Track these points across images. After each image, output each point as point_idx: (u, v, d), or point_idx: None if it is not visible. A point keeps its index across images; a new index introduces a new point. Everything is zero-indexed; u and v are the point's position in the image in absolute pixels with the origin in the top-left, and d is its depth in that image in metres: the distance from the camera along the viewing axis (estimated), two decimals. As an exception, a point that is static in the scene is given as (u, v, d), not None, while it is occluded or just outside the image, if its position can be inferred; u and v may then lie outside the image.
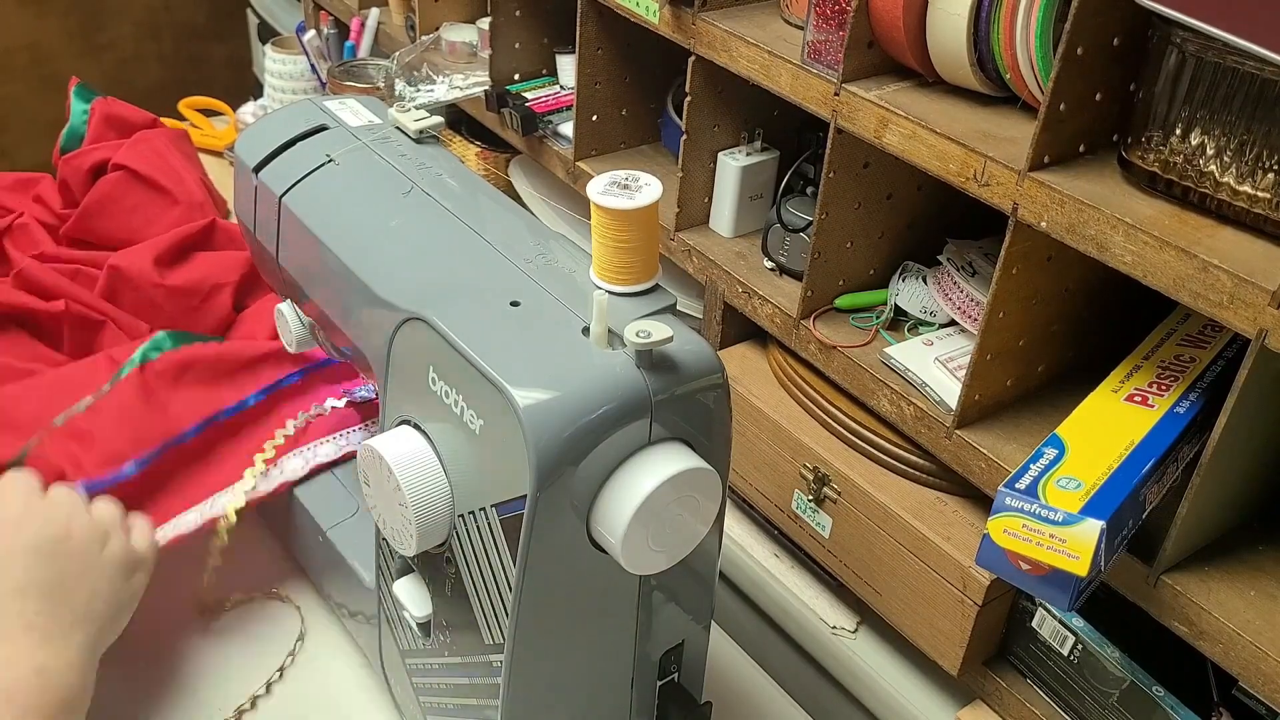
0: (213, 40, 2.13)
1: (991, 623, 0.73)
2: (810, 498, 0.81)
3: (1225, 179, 0.56)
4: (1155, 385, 0.66)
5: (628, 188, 0.59)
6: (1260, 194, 0.55)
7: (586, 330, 0.58)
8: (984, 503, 0.76)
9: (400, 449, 0.60)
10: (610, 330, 0.57)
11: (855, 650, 0.83)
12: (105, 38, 2.00)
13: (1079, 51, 0.59)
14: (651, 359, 0.56)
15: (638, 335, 0.55)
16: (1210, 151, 0.57)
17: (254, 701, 0.74)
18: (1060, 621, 0.70)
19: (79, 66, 1.99)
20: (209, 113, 1.39)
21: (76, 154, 1.08)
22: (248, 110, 1.42)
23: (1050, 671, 0.72)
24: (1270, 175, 0.55)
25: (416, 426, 0.62)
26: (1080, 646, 0.69)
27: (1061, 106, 0.60)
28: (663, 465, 0.56)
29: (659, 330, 0.55)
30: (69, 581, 0.61)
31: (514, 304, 0.60)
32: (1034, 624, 0.72)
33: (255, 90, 1.89)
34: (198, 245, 0.98)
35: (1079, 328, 0.75)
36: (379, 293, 0.63)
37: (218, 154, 1.33)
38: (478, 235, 0.66)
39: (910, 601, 0.76)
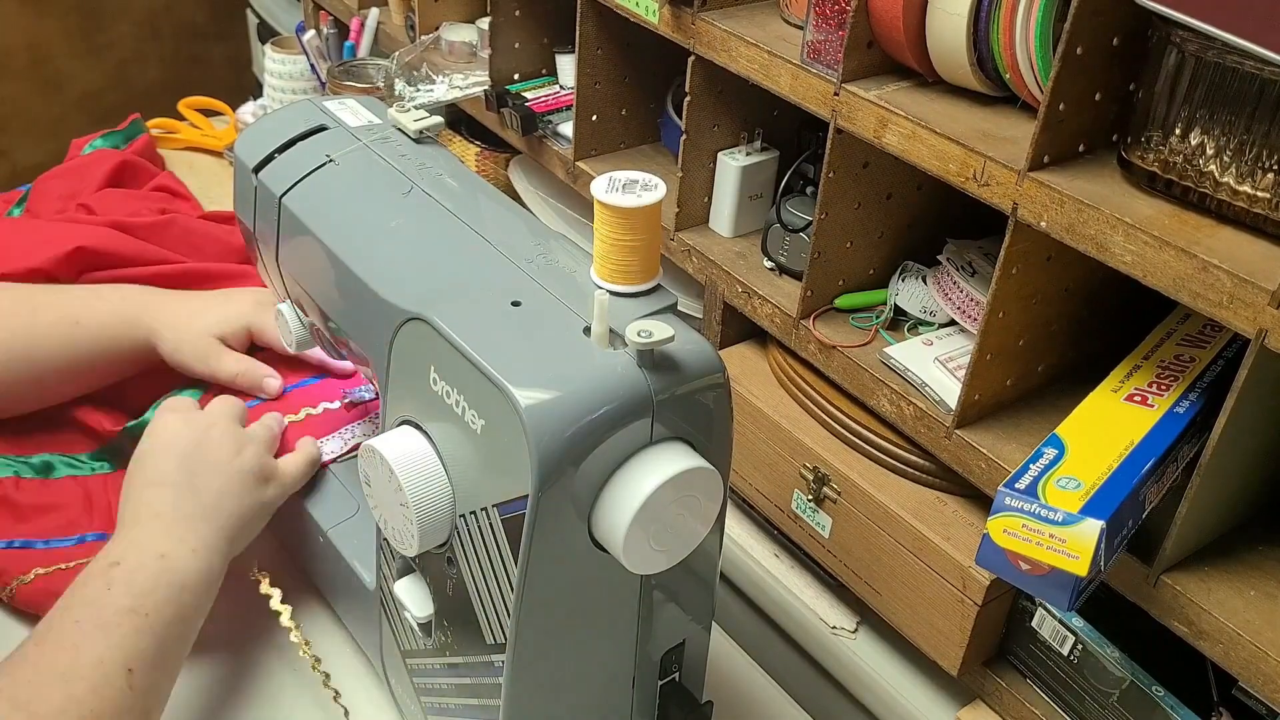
0: (213, 40, 2.13)
1: (991, 623, 0.73)
2: (810, 498, 0.82)
3: (1225, 179, 0.56)
4: (1155, 385, 0.66)
5: (632, 187, 0.59)
6: (1260, 194, 0.55)
7: (588, 330, 0.58)
8: (984, 502, 0.76)
9: (401, 449, 0.60)
10: (611, 330, 0.57)
11: (855, 650, 0.83)
12: (105, 38, 2.00)
13: (1078, 51, 0.59)
14: (653, 358, 0.56)
15: (639, 335, 0.55)
16: (1210, 151, 0.57)
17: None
18: (1060, 621, 0.70)
19: (79, 66, 1.99)
20: (209, 113, 1.39)
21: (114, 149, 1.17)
22: (247, 110, 1.42)
23: (1050, 671, 0.73)
24: (1270, 175, 0.55)
25: (418, 426, 0.62)
26: (1080, 646, 0.70)
27: (1061, 106, 0.61)
28: (664, 465, 0.56)
29: (660, 330, 0.55)
30: (198, 480, 0.68)
31: (515, 304, 0.60)
32: (1034, 624, 0.72)
33: (255, 90, 1.89)
34: None
35: (1079, 328, 0.75)
36: (380, 293, 0.63)
37: (217, 154, 1.33)
38: (478, 235, 0.66)
39: (910, 601, 0.76)
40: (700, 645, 0.70)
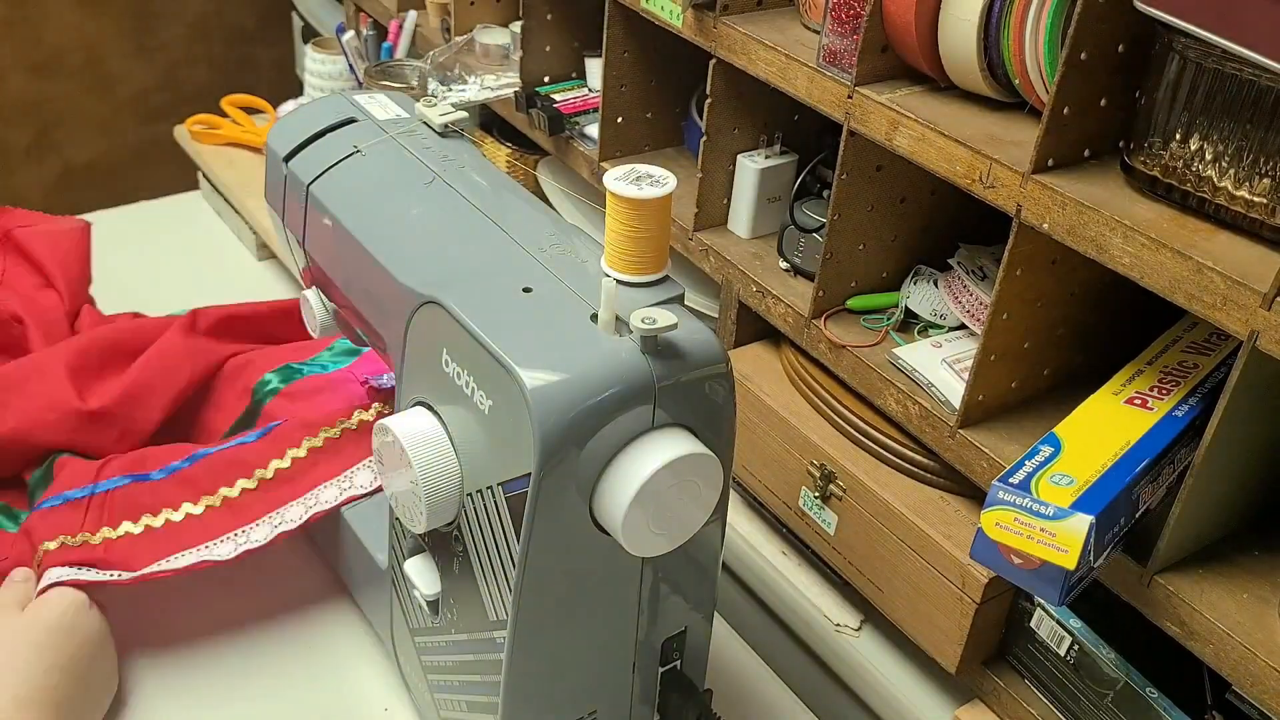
0: (260, 44, 2.17)
1: (990, 621, 0.74)
2: (817, 495, 0.83)
3: (1223, 183, 0.57)
4: (1156, 389, 0.67)
5: (644, 181, 0.61)
6: (1257, 199, 0.56)
7: (595, 317, 0.60)
8: (987, 503, 0.76)
9: (413, 428, 0.62)
10: (618, 318, 0.59)
11: (858, 648, 0.84)
12: (157, 40, 2.05)
13: (1082, 56, 0.60)
14: (656, 345, 0.58)
15: (643, 321, 0.57)
16: (1209, 156, 0.58)
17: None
18: (1058, 621, 0.71)
19: (130, 67, 2.05)
20: (251, 111, 1.43)
21: None
22: (287, 108, 1.46)
23: (1047, 671, 0.73)
24: (1266, 180, 0.56)
25: (430, 408, 0.64)
26: (1077, 647, 0.70)
27: (1065, 110, 0.62)
28: (664, 449, 0.57)
29: (664, 317, 0.57)
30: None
31: (526, 290, 0.62)
32: (1032, 624, 0.73)
33: (299, 92, 1.93)
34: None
35: (1086, 333, 0.76)
36: (398, 277, 0.65)
37: (257, 150, 1.37)
38: (495, 225, 0.68)
39: (911, 599, 0.77)
40: (702, 635, 0.71)
